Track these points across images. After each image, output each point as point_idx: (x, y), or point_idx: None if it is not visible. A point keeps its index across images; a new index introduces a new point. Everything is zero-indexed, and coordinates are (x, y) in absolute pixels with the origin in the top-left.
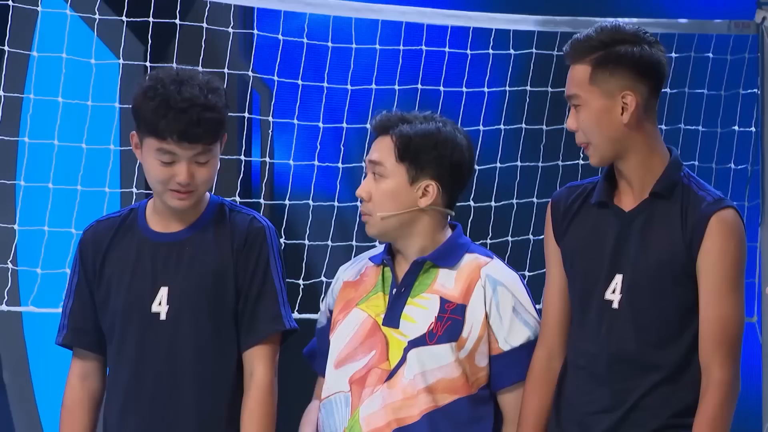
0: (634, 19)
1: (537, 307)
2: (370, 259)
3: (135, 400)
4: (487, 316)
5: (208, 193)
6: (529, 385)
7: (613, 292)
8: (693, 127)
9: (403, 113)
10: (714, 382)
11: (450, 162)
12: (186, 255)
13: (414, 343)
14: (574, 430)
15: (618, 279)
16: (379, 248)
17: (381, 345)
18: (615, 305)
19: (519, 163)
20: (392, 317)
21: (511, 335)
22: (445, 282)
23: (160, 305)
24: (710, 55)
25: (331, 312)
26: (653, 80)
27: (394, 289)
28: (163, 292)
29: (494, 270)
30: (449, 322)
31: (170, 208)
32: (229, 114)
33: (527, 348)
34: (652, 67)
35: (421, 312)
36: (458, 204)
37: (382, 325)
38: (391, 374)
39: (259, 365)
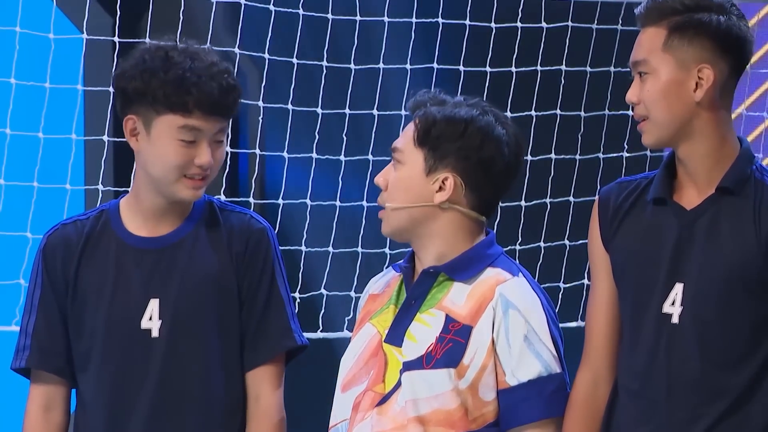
0: None
1: (570, 325)
2: (392, 267)
3: (125, 431)
4: (494, 343)
5: None
6: (571, 413)
7: (673, 304)
8: None
9: (442, 95)
10: None
11: (478, 156)
12: (177, 262)
13: (409, 366)
14: None
15: (678, 289)
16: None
17: (380, 365)
18: (675, 319)
19: (553, 156)
20: (396, 334)
21: (519, 368)
22: (456, 298)
23: (151, 320)
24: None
25: None
26: (736, 58)
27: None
28: (154, 305)
29: (511, 290)
30: (450, 344)
31: (154, 208)
32: None
33: (538, 385)
34: (737, 43)
35: (424, 330)
36: None
37: (384, 342)
38: (384, 399)
39: (266, 387)
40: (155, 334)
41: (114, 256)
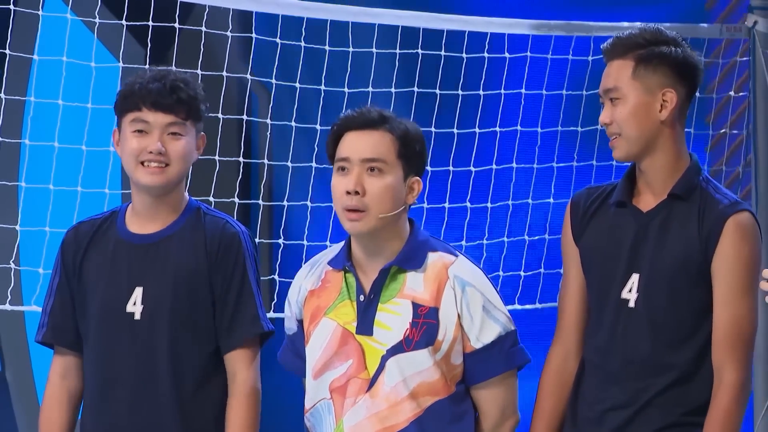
0: (627, 23)
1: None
2: (328, 263)
3: (112, 401)
4: (459, 317)
5: (187, 196)
6: (544, 383)
7: (630, 291)
8: (685, 130)
9: (382, 110)
10: (725, 383)
11: (425, 158)
12: (159, 256)
13: (392, 351)
14: (587, 427)
15: (635, 278)
16: (334, 250)
17: (357, 354)
18: (631, 304)
19: (514, 165)
20: (365, 325)
21: (482, 333)
22: (415, 286)
23: (135, 305)
24: (702, 58)
25: (299, 321)
26: (691, 83)
27: (362, 296)
28: (138, 292)
29: (461, 270)
30: (425, 327)
31: (143, 208)
32: (228, 116)
33: (498, 344)
34: (692, 70)
35: (394, 318)
36: (455, 205)
37: (356, 333)
38: (372, 383)
39: (241, 368)
40: (137, 317)
41: (112, 249)
